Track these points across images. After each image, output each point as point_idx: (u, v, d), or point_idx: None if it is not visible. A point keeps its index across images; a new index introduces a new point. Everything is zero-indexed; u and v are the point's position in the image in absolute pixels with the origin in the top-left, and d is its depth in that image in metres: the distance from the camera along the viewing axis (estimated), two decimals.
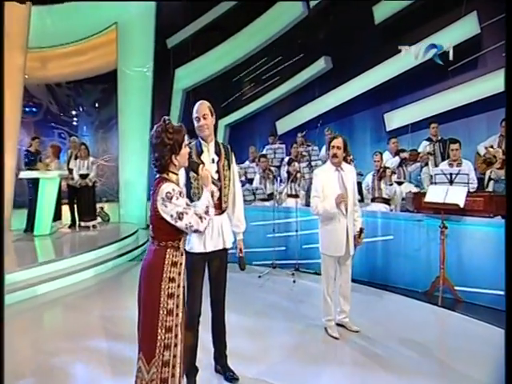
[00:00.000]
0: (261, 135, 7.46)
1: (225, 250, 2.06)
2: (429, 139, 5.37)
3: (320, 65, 6.99)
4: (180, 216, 1.52)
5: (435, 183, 3.87)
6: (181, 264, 1.55)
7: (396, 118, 6.40)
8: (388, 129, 6.48)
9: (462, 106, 5.64)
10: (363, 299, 3.50)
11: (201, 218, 1.54)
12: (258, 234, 4.68)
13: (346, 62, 6.65)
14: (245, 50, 7.33)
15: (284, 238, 4.70)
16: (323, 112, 6.84)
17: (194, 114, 2.05)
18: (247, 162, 6.19)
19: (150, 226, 1.55)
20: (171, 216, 1.52)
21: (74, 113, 8.19)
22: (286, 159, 5.75)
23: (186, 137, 1.62)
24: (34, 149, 6.27)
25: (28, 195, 5.98)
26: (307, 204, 4.94)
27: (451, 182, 3.80)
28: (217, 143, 2.09)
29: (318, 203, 2.59)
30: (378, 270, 4.11)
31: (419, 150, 5.36)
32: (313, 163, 5.40)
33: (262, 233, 4.72)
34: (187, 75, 7.86)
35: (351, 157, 5.04)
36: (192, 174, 1.97)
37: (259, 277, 4.27)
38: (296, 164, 5.40)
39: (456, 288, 3.57)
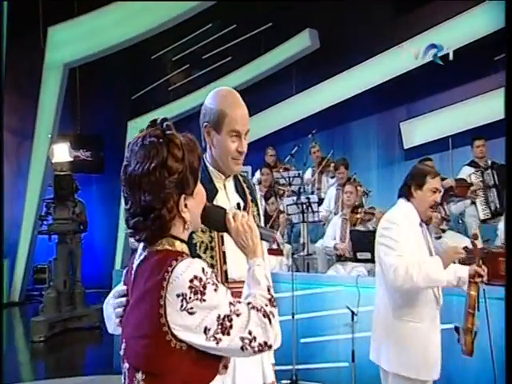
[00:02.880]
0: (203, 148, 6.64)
1: None
2: (473, 163, 4.88)
3: (302, 42, 6.60)
4: (225, 326, 1.03)
5: None
6: None
7: (419, 129, 5.99)
8: (407, 145, 6.04)
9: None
10: None
11: (267, 315, 1.07)
12: None
13: (343, 40, 6.31)
14: (175, 8, 6.42)
15: None
16: (306, 116, 6.51)
17: (230, 125, 1.51)
18: None
19: (127, 371, 1.06)
20: (205, 331, 1.02)
21: None
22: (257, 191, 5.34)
23: None
24: None
25: None
26: (307, 267, 4.78)
27: None
28: (235, 176, 1.66)
29: (411, 268, 2.22)
30: None
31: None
32: (303, 197, 5.00)
33: None
34: (71, 39, 6.69)
35: (363, 188, 4.99)
36: (204, 234, 1.48)
37: None
38: (273, 200, 5.18)
39: None
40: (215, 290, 1.04)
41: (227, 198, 1.58)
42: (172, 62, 7.34)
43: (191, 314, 1.02)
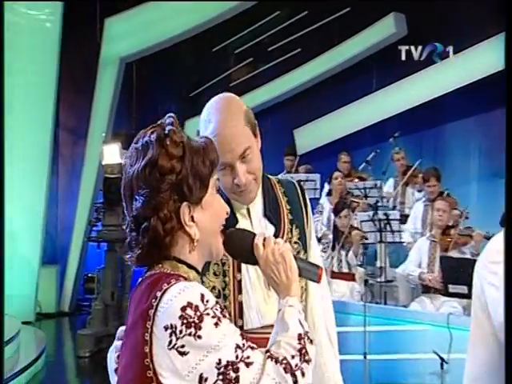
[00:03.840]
0: (265, 154, 6.50)
1: None
2: None
3: (385, 28, 6.43)
4: (229, 377, 0.92)
5: None
6: None
7: None
8: None
9: None
10: None
11: (291, 369, 0.98)
12: None
13: (433, 26, 6.16)
14: None
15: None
16: (388, 117, 6.41)
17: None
18: None
19: None
20: (200, 380, 0.92)
21: None
22: (325, 202, 5.65)
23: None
24: None
25: None
26: (384, 297, 4.82)
27: None
28: (266, 192, 1.44)
29: None
30: None
31: None
32: (381, 212, 4.95)
33: None
34: (128, 32, 6.83)
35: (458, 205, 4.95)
36: (216, 278, 1.36)
37: None
38: (345, 212, 5.08)
39: None
40: (216, 324, 0.91)
41: (251, 226, 1.38)
42: (234, 55, 7.34)
43: (182, 354, 0.90)
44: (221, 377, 0.90)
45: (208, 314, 0.91)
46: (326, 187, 5.80)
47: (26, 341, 5.26)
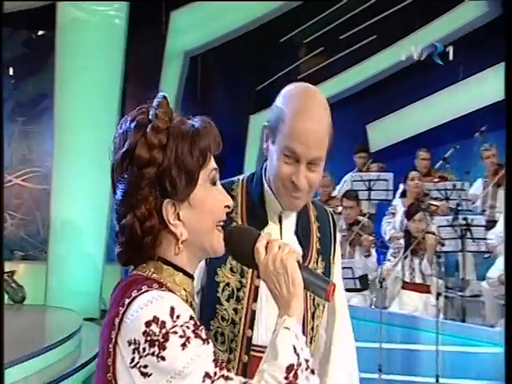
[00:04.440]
0: (336, 151, 6.37)
1: None
2: None
3: (474, 9, 6.07)
4: None
5: None
6: None
7: None
8: None
9: None
10: None
11: None
12: None
13: None
14: None
15: None
16: (474, 109, 6.07)
17: (285, 139, 1.25)
18: None
19: None
20: None
21: None
22: (399, 204, 5.40)
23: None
24: None
25: None
26: (462, 313, 4.57)
27: None
28: (301, 210, 1.36)
29: None
30: None
31: None
32: (461, 217, 4.66)
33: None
34: (193, 25, 6.95)
35: None
36: (233, 275, 1.30)
37: None
38: (420, 216, 4.77)
39: None
40: (183, 345, 0.83)
41: (280, 233, 1.31)
42: (303, 45, 7.22)
43: (144, 375, 0.84)
44: None
45: (175, 333, 0.83)
46: (401, 187, 5.47)
47: (88, 337, 5.44)
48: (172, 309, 0.85)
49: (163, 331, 0.83)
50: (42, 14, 6.41)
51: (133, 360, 0.84)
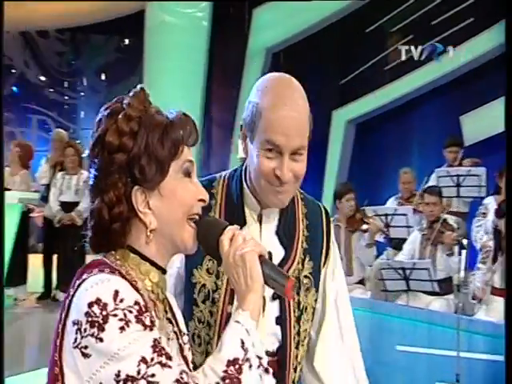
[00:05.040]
0: (426, 144, 6.35)
1: None
2: None
3: None
4: None
5: None
6: None
7: None
8: None
9: None
10: None
11: None
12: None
13: None
14: None
15: None
16: None
17: (264, 133, 1.21)
18: (391, 201, 5.45)
19: None
20: None
21: (67, 85, 7.93)
22: (491, 203, 4.96)
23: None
24: None
25: None
26: None
27: None
28: (286, 207, 1.31)
29: None
30: None
31: None
32: None
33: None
34: (274, 21, 6.99)
35: None
36: (209, 276, 1.28)
37: None
38: None
39: None
40: (122, 328, 0.83)
41: (259, 233, 1.26)
42: (390, 34, 6.92)
43: (85, 355, 0.85)
44: None
45: (115, 316, 0.83)
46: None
47: None
48: (116, 292, 0.85)
49: (104, 313, 0.84)
50: (132, 20, 6.85)
51: (75, 340, 0.85)
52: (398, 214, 4.73)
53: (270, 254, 1.20)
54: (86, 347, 0.83)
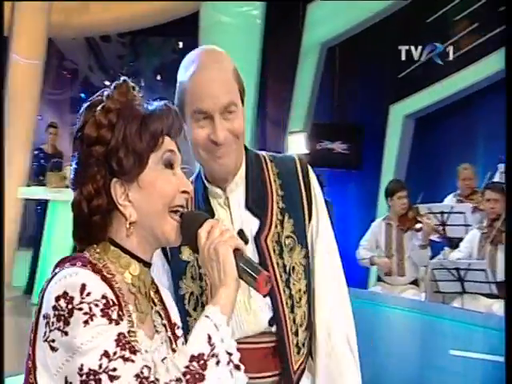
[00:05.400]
0: (489, 140, 6.03)
1: None
2: None
3: None
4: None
5: None
6: None
7: None
8: None
9: None
10: None
11: None
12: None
13: None
14: None
15: None
16: None
17: (191, 104, 1.21)
18: (449, 198, 5.24)
19: None
20: (66, 380, 0.86)
21: None
22: None
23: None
24: (50, 146, 6.19)
25: (34, 230, 6.13)
26: None
27: None
28: (251, 175, 1.30)
29: None
30: None
31: None
32: None
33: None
34: (330, 16, 6.77)
35: None
36: (194, 283, 1.29)
37: None
38: None
39: None
40: (86, 322, 0.82)
41: (230, 219, 1.26)
42: (454, 23, 6.52)
43: (52, 349, 0.84)
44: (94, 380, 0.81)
45: (80, 309, 0.83)
46: None
47: None
48: (83, 285, 0.84)
49: (69, 306, 0.83)
50: (188, 22, 6.94)
51: (45, 334, 0.85)
52: (455, 212, 4.53)
53: (241, 231, 1.22)
54: (53, 341, 0.83)
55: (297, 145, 5.28)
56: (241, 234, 1.23)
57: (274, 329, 1.24)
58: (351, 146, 7.12)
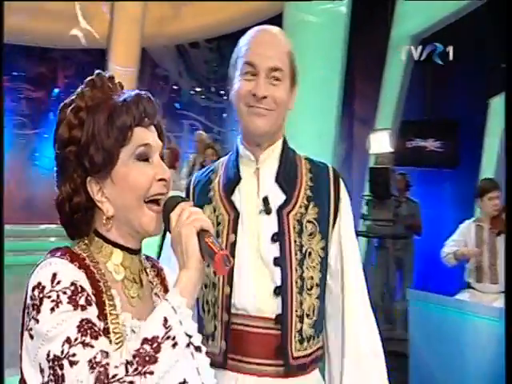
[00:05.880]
0: None
1: None
2: None
3: None
4: (57, 374, 0.82)
5: None
6: None
7: None
8: None
9: None
10: None
11: (106, 380, 0.81)
12: None
13: None
14: None
15: None
16: None
17: (242, 58, 1.30)
18: None
19: None
20: (41, 371, 0.86)
21: (213, 90, 8.28)
22: None
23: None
24: None
25: None
26: None
27: None
28: (285, 158, 1.34)
29: None
30: None
31: None
32: None
33: None
34: (420, 7, 6.39)
35: None
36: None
37: None
38: None
39: None
40: (52, 309, 0.84)
41: (257, 186, 1.29)
42: None
43: (31, 337, 0.87)
44: (51, 371, 0.82)
45: (49, 298, 0.84)
46: None
47: None
48: (54, 275, 0.86)
49: (40, 295, 0.85)
50: (272, 24, 6.97)
51: (26, 323, 0.88)
52: None
53: (266, 199, 1.24)
54: (31, 329, 0.85)
55: (380, 143, 5.07)
56: (265, 201, 1.25)
57: (276, 299, 1.22)
58: (445, 144, 6.71)
